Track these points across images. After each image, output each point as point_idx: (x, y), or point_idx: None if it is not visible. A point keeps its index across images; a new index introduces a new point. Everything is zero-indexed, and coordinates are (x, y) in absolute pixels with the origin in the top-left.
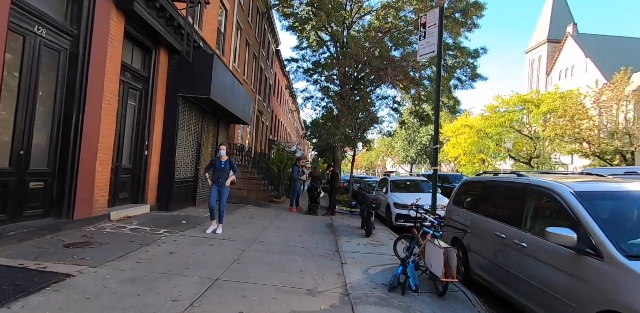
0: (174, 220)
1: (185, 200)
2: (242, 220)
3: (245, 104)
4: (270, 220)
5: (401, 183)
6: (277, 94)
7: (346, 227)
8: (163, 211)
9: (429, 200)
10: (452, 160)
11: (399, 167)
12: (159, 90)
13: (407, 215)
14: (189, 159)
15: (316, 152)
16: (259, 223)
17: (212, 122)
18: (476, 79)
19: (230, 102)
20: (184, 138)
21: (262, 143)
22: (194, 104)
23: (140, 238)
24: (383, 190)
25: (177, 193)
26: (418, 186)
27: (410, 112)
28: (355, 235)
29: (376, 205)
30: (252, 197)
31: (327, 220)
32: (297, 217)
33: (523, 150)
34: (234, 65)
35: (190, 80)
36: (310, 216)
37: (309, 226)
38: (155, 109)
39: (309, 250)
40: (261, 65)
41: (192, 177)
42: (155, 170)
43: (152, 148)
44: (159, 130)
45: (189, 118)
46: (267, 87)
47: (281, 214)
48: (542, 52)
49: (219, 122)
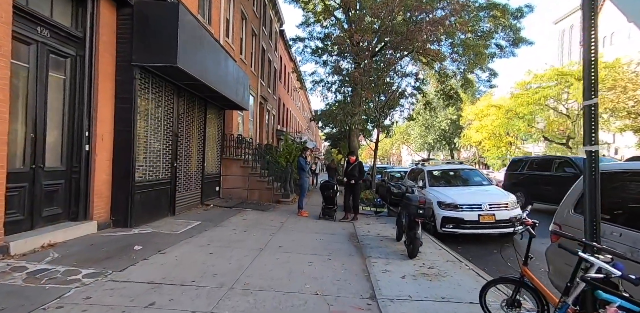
0: (123, 246)
1: (158, 210)
2: (231, 237)
3: (239, 83)
4: (270, 233)
5: (442, 174)
6: (284, 81)
7: (376, 239)
8: (119, 229)
9: (489, 197)
10: (476, 145)
11: (415, 154)
12: (103, 59)
13: (459, 220)
14: (160, 155)
15: (329, 143)
16: (253, 240)
17: (197, 107)
18: (520, 43)
19: (214, 77)
20: (151, 126)
21: (269, 134)
22: (163, 79)
23: (25, 297)
24: (416, 184)
25: (142, 201)
26: (466, 177)
27: (436, 91)
28: (393, 256)
29: (424, 211)
30: (255, 198)
31: (347, 227)
32: (308, 225)
33: (558, 130)
34: (226, 39)
35: (148, 44)
36: (325, 222)
37: (324, 241)
38: (99, 86)
39: (325, 299)
40: (263, 45)
41: (168, 178)
42: (104, 171)
43: (96, 141)
44: (108, 115)
45: (157, 99)
46: (272, 72)
47: (287, 222)
48: (575, 21)
49: (206, 106)
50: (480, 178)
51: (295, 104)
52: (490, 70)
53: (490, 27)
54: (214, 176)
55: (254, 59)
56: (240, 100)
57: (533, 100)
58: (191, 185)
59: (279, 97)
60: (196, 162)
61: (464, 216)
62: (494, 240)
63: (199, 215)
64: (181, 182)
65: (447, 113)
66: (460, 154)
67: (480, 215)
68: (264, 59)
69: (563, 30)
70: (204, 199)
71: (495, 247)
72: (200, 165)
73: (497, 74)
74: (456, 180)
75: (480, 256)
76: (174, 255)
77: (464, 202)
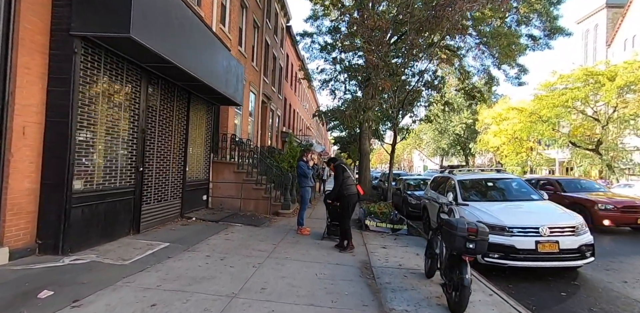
0: (25, 290)
1: (114, 228)
2: (197, 271)
3: (231, 74)
4: (255, 263)
5: (477, 184)
6: (291, 80)
7: (397, 274)
8: (46, 256)
9: (547, 217)
10: (493, 151)
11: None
12: (28, 25)
13: (508, 248)
14: (117, 157)
15: (338, 147)
16: (227, 277)
17: (177, 99)
18: (556, 34)
19: (193, 62)
20: (103, 119)
21: (274, 137)
22: (122, 59)
23: None
24: (443, 196)
25: (87, 217)
26: (509, 189)
27: (457, 90)
28: (426, 306)
29: (477, 245)
30: (250, 209)
31: (357, 252)
32: (309, 248)
33: (586, 135)
34: (221, 27)
35: (94, 8)
36: (330, 243)
37: (327, 278)
38: (18, 60)
39: None
40: (266, 40)
41: (131, 186)
42: (26, 178)
43: (12, 136)
44: (35, 101)
45: (114, 84)
46: (277, 70)
47: (282, 244)
48: (600, 20)
49: (189, 99)
50: (527, 190)
51: (303, 105)
52: (519, 66)
53: (525, 14)
54: (200, 183)
55: (256, 53)
56: (231, 94)
57: (560, 103)
58: (166, 194)
59: (284, 97)
60: (175, 166)
61: (516, 243)
62: (554, 273)
63: (173, 232)
64: (151, 190)
65: (462, 117)
66: (475, 160)
67: (539, 242)
68: (268, 54)
69: (587, 30)
70: (185, 211)
71: (560, 285)
72: (180, 169)
73: (527, 70)
74: (497, 193)
75: (544, 301)
76: (91, 311)
77: (515, 223)
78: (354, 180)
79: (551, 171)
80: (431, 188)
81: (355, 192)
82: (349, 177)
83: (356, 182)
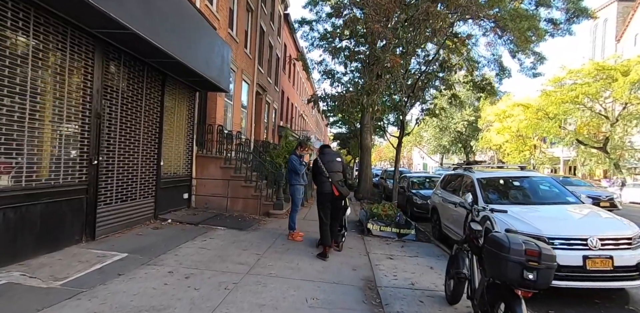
0: None
1: (57, 234)
2: (147, 297)
3: (214, 53)
4: (229, 284)
5: (500, 184)
6: (289, 72)
7: (411, 297)
8: None
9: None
10: (496, 148)
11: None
12: None
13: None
14: (59, 146)
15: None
16: (188, 300)
17: (148, 80)
18: (580, 17)
19: (156, 26)
20: (36, 96)
21: (270, 131)
22: (60, 20)
23: None
24: (454, 197)
25: (14, 223)
26: (538, 190)
27: (465, 82)
28: None
29: (539, 276)
30: (238, 208)
31: (359, 265)
32: (300, 260)
33: (592, 133)
34: (207, 4)
35: None
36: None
37: (321, 304)
38: None
39: None
40: (261, 26)
41: (81, 182)
42: None
43: None
44: None
45: (48, 51)
46: (274, 60)
47: (268, 254)
48: (610, 14)
49: (164, 82)
50: (561, 191)
51: (302, 100)
52: (536, 55)
53: None
54: (180, 179)
55: (250, 39)
56: (214, 77)
57: (569, 99)
58: (134, 192)
59: (282, 89)
60: (145, 160)
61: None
62: (602, 295)
63: (139, 238)
64: (111, 188)
65: (464, 114)
66: (475, 158)
67: (588, 257)
68: (263, 42)
69: (595, 24)
70: (161, 211)
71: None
72: (153, 163)
73: (544, 58)
74: (524, 194)
75: None
76: None
77: (556, 232)
78: (336, 176)
79: (553, 170)
80: (442, 187)
81: (327, 192)
82: (321, 173)
83: (339, 179)
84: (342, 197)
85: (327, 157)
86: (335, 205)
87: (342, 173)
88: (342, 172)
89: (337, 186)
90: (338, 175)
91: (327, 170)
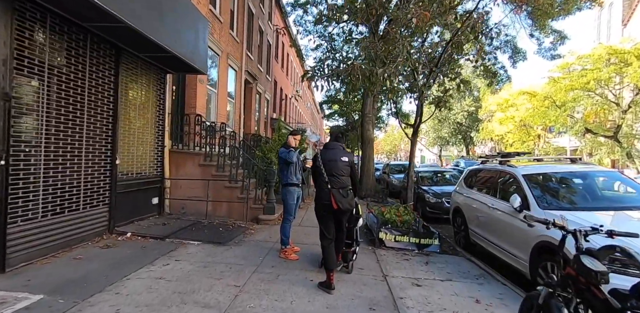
0: None
1: None
2: None
3: (185, 24)
4: None
5: (555, 182)
6: (282, 61)
7: None
8: None
9: None
10: (497, 139)
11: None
12: None
13: None
14: None
15: None
16: None
17: (89, 53)
18: None
19: None
20: None
21: (262, 124)
22: None
23: None
24: (486, 198)
25: None
26: (606, 190)
27: (475, 67)
28: None
29: None
30: (221, 214)
31: (378, 300)
32: (294, 298)
33: (599, 122)
34: None
35: None
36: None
37: None
38: None
39: None
40: (250, 7)
41: None
42: None
43: None
44: None
45: None
46: (266, 47)
47: (252, 282)
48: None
49: (117, 57)
50: (635, 188)
51: (296, 90)
52: (556, 33)
53: None
54: (147, 180)
55: (237, 20)
56: (186, 54)
57: (579, 85)
58: (75, 200)
59: (274, 79)
60: (91, 157)
61: None
62: None
63: (73, 266)
64: (34, 197)
65: (464, 105)
66: (475, 149)
67: None
68: (252, 25)
69: (600, 8)
70: (120, 222)
71: None
72: (103, 161)
73: (566, 37)
74: (590, 196)
75: None
76: None
77: None
78: (338, 181)
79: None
80: (466, 185)
81: (325, 202)
82: (321, 175)
83: (342, 186)
84: (342, 212)
85: (329, 155)
86: (338, 218)
87: (350, 178)
88: (350, 176)
89: (337, 196)
90: (342, 180)
91: (326, 172)
